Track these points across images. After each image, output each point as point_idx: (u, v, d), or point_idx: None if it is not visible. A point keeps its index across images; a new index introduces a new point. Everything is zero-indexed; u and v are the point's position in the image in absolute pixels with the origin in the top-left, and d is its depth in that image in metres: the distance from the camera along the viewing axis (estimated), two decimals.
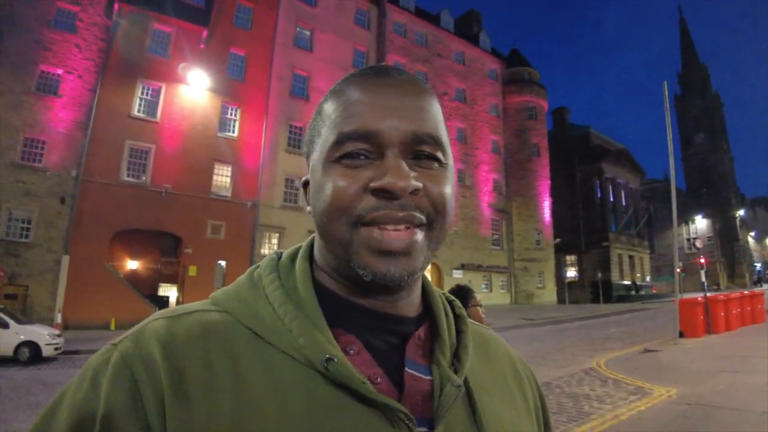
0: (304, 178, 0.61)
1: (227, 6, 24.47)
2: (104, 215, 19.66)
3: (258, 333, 0.51)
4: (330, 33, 28.27)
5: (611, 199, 43.61)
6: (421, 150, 0.53)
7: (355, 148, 0.51)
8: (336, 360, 0.49)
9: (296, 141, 25.75)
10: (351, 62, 28.91)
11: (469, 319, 0.66)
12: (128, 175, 20.96)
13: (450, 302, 0.66)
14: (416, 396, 0.53)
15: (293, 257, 0.60)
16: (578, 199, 42.79)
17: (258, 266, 0.60)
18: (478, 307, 2.94)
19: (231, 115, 24.01)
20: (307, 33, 27.55)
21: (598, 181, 43.19)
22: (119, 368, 0.47)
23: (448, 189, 0.54)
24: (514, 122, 37.89)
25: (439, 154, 0.54)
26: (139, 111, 21.62)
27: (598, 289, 38.75)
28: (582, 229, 42.39)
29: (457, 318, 0.64)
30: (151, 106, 21.94)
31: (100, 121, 20.58)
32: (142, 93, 21.79)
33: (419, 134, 0.52)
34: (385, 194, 0.50)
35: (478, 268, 33.01)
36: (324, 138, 0.54)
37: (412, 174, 0.51)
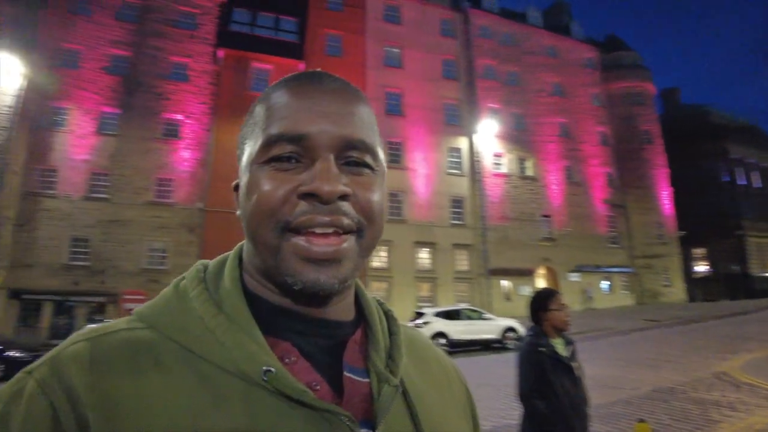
0: (235, 182, 0.58)
1: (318, 38, 25.91)
2: (228, 241, 21.12)
3: (189, 348, 0.48)
4: (417, 48, 28.73)
5: (743, 182, 38.84)
6: (351, 155, 0.52)
7: (284, 151, 0.50)
8: (274, 371, 0.47)
9: (395, 156, 26.29)
10: (440, 73, 29.09)
11: (404, 324, 0.66)
12: None
13: (380, 304, 0.65)
14: (356, 399, 0.52)
15: (221, 266, 0.58)
16: (702, 186, 38.61)
17: (183, 277, 0.57)
18: (558, 311, 2.78)
19: None
20: (396, 51, 28.24)
21: (723, 164, 38.75)
22: (35, 399, 0.42)
23: (378, 195, 0.53)
24: (620, 110, 35.33)
25: (370, 160, 0.53)
26: None
27: (734, 284, 34.39)
28: (709, 219, 38.14)
29: (389, 320, 0.64)
30: None
31: (218, 157, 22.66)
32: None
33: (350, 139, 0.51)
34: (313, 198, 0.49)
35: (596, 269, 30.90)
36: (253, 140, 0.53)
37: (342, 179, 0.50)
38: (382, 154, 0.56)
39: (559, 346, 2.76)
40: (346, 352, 0.55)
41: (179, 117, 23.42)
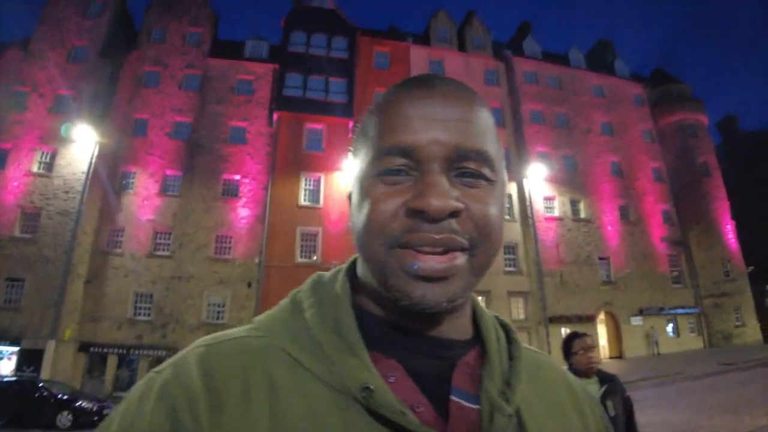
0: (349, 192, 0.58)
1: (367, 96, 26.90)
2: (284, 293, 21.62)
3: (297, 359, 0.49)
4: None
5: None
6: (465, 166, 0.49)
7: (394, 164, 0.49)
8: (374, 388, 0.46)
9: None
10: None
11: (525, 345, 0.62)
12: (302, 257, 23.31)
13: (503, 326, 0.63)
14: (462, 426, 0.49)
15: (335, 278, 0.58)
16: None
17: (300, 289, 0.59)
18: (581, 355, 2.84)
19: None
20: None
21: None
22: (160, 396, 0.46)
23: (495, 209, 0.51)
24: (674, 144, 34.30)
25: (486, 171, 0.50)
26: (304, 200, 24.24)
27: None
28: None
29: (511, 343, 0.60)
30: (314, 195, 24.48)
31: (275, 214, 23.48)
32: (306, 184, 24.49)
33: (463, 149, 0.49)
34: (421, 215, 0.47)
35: (659, 311, 29.42)
36: (363, 152, 0.53)
37: (454, 193, 0.48)
38: (501, 164, 0.54)
39: (590, 385, 2.75)
40: (455, 374, 0.52)
41: (237, 177, 24.64)
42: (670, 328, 29.51)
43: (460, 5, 34.44)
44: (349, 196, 0.57)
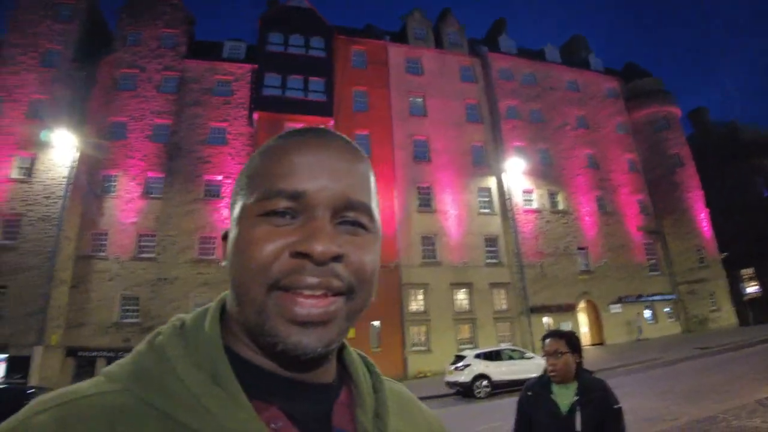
0: (224, 231, 0.58)
1: (345, 95, 27.19)
2: None
3: (172, 416, 0.45)
4: (440, 96, 29.66)
5: None
6: (347, 215, 0.52)
7: (280, 206, 0.50)
8: None
9: (425, 201, 26.80)
10: (464, 117, 29.85)
11: (384, 376, 0.65)
12: None
13: (363, 358, 0.65)
14: None
15: (200, 321, 0.55)
16: (742, 204, 37.65)
17: (159, 333, 0.54)
18: (546, 357, 2.52)
19: None
20: (420, 100, 29.24)
21: (762, 179, 37.84)
22: None
23: (372, 257, 0.53)
24: (647, 136, 35.22)
25: (366, 221, 0.53)
26: None
27: None
28: (754, 237, 36.93)
29: (373, 375, 0.63)
30: None
31: None
32: None
33: (348, 199, 0.51)
34: (305, 258, 0.48)
35: (638, 299, 30.23)
36: (249, 192, 0.53)
37: (337, 240, 0.50)
38: (377, 215, 0.56)
39: (563, 392, 2.47)
40: (334, 416, 0.54)
41: (219, 178, 24.70)
42: (648, 314, 30.33)
43: (437, 3, 34.75)
44: (224, 236, 0.57)
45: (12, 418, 0.43)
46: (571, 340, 2.56)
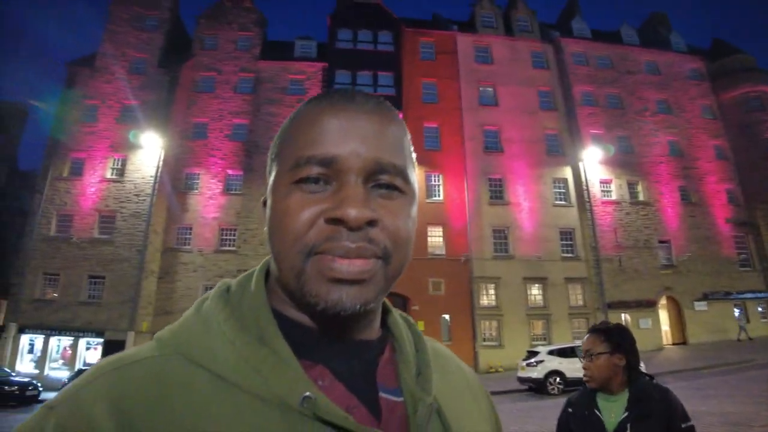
0: (263, 198, 0.58)
1: (414, 87, 27.16)
2: None
3: (222, 376, 0.47)
4: (511, 84, 28.94)
5: None
6: (381, 179, 0.51)
7: (313, 173, 0.50)
8: (313, 397, 0.46)
9: (497, 193, 26.39)
10: (537, 105, 28.98)
11: (426, 337, 0.66)
12: None
13: (405, 319, 0.66)
14: (393, 420, 0.52)
15: (245, 285, 0.57)
16: None
17: (206, 298, 0.56)
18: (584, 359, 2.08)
19: (434, 181, 26.07)
20: (490, 90, 28.70)
21: None
22: None
23: (407, 221, 0.52)
24: (737, 119, 32.52)
25: (400, 183, 0.52)
26: None
27: None
28: None
29: (415, 336, 0.63)
30: None
31: None
32: None
33: (380, 162, 0.51)
34: (340, 224, 0.48)
35: (726, 296, 28.24)
36: (283, 160, 0.53)
37: (370, 204, 0.49)
38: (413, 177, 0.56)
39: (610, 405, 1.99)
40: (378, 372, 0.55)
41: None
42: (737, 313, 28.30)
43: None
44: (264, 203, 0.58)
45: (74, 381, 0.46)
46: (613, 335, 2.06)
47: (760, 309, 29.23)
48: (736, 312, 28.12)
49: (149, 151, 24.28)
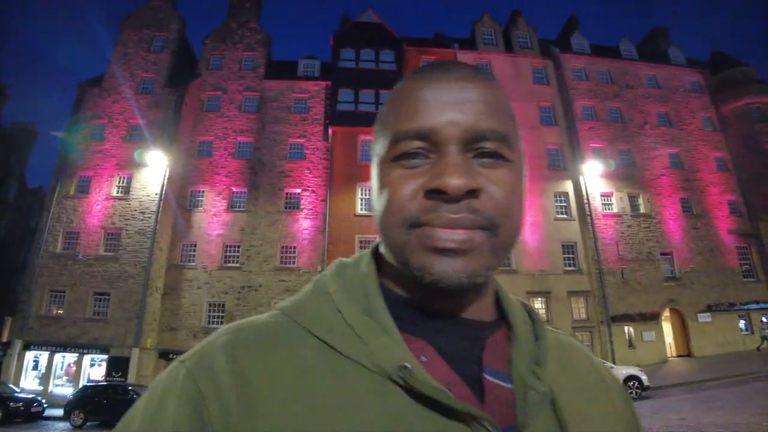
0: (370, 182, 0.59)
1: None
2: None
3: (326, 341, 0.49)
4: (512, 99, 26.77)
5: None
6: (482, 147, 0.50)
7: (411, 147, 0.50)
8: (410, 367, 0.46)
9: None
10: (539, 120, 29.25)
11: (548, 326, 0.62)
12: None
13: (525, 308, 0.63)
14: (497, 404, 0.50)
15: (358, 262, 0.59)
16: None
17: (324, 274, 0.59)
18: None
19: None
20: None
21: None
22: (186, 385, 0.46)
23: (514, 189, 0.51)
24: (739, 131, 32.64)
25: (504, 150, 0.51)
26: (361, 209, 25.23)
27: None
28: None
29: (535, 323, 0.61)
30: (371, 204, 25.22)
31: (334, 224, 24.55)
32: (362, 194, 25.40)
33: (480, 130, 0.49)
34: (440, 195, 0.47)
35: (730, 307, 28.14)
36: (382, 139, 0.54)
37: (472, 173, 0.48)
38: (518, 144, 0.54)
39: None
40: (485, 354, 0.53)
41: (298, 191, 26.00)
42: (742, 324, 28.17)
43: (506, 4, 34.42)
44: (371, 185, 0.58)
45: (204, 340, 0.52)
46: None
47: (764, 320, 29.07)
48: (741, 323, 28.00)
49: (155, 169, 24.69)
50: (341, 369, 0.47)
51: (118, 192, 25.27)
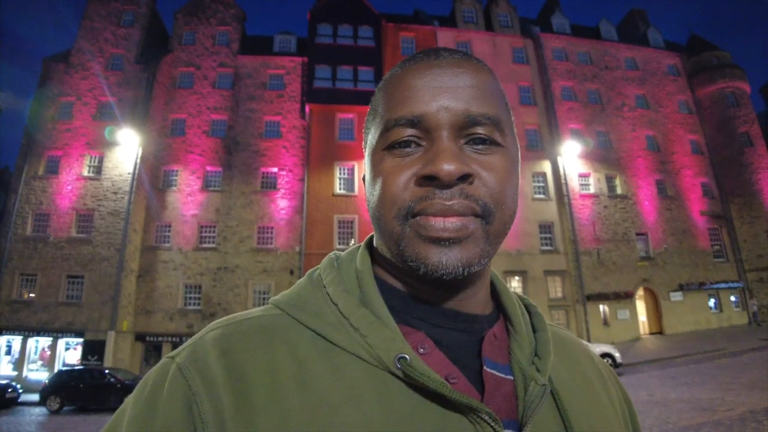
0: (363, 174, 0.58)
1: None
2: None
3: (322, 335, 0.49)
4: None
5: None
6: (475, 132, 0.49)
7: (403, 135, 0.49)
8: (409, 359, 0.45)
9: None
10: (518, 100, 29.19)
11: (549, 322, 0.62)
12: (340, 243, 24.07)
13: (523, 301, 0.63)
14: (498, 396, 0.49)
15: (353, 255, 0.59)
16: None
17: (317, 268, 0.59)
18: None
19: None
20: None
21: None
22: (176, 381, 0.45)
23: (508, 174, 0.50)
24: (713, 115, 33.22)
25: (497, 136, 0.50)
26: (340, 189, 24.86)
27: None
28: None
29: (533, 316, 0.61)
30: (349, 183, 25.07)
31: (312, 203, 24.25)
32: (340, 174, 25.06)
33: (471, 114, 0.49)
34: (432, 182, 0.47)
35: (700, 287, 28.87)
36: (373, 128, 0.53)
37: (464, 159, 0.48)
38: (512, 128, 0.54)
39: None
40: (484, 346, 0.52)
41: (275, 170, 25.43)
42: (712, 303, 28.98)
43: None
44: (364, 178, 0.58)
45: (195, 335, 0.51)
46: None
47: (733, 298, 30.00)
48: (710, 301, 28.81)
49: (127, 149, 23.98)
50: (339, 362, 0.47)
51: (89, 172, 24.47)
